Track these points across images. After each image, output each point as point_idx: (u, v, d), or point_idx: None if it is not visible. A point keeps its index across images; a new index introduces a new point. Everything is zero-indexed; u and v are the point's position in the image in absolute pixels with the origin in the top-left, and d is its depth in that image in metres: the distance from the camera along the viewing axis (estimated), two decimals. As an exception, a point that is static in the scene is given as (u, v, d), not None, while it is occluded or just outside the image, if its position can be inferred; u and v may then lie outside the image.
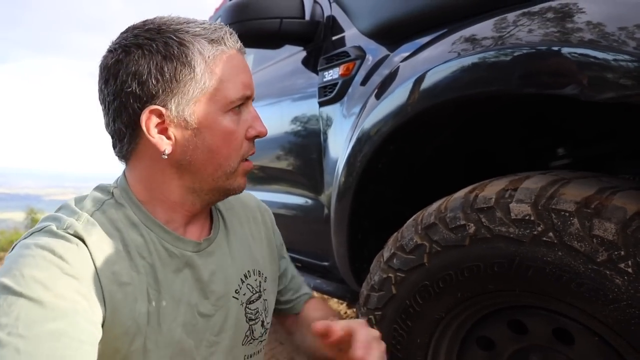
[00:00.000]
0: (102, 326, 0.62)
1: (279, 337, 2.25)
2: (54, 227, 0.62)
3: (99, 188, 0.74)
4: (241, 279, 0.82)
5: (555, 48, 0.71)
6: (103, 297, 0.62)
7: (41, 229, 0.63)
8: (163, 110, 0.65)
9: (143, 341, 0.66)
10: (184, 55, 0.65)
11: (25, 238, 0.62)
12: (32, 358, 0.50)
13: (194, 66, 0.65)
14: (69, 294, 0.57)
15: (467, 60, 0.85)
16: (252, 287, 0.84)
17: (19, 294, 0.54)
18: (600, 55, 0.65)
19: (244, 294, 0.82)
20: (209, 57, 0.66)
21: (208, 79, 0.66)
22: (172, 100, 0.65)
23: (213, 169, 0.70)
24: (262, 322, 0.86)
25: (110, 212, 0.69)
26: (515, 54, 0.76)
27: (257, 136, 0.74)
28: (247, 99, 0.71)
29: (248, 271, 0.84)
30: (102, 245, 0.64)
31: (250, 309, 0.83)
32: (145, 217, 0.71)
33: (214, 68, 0.67)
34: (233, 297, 0.80)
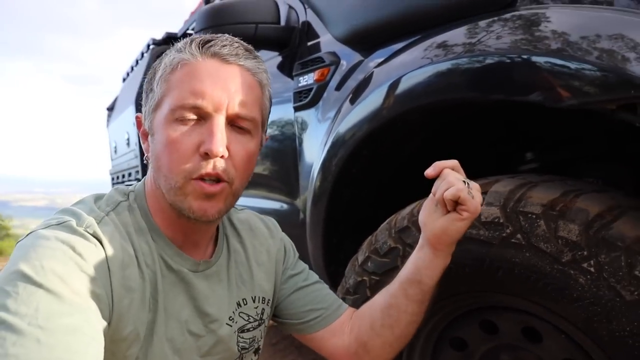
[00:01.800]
0: (108, 327, 0.62)
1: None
2: (73, 224, 0.62)
3: (118, 189, 0.75)
4: (235, 307, 0.80)
5: (523, 56, 0.73)
6: (112, 300, 0.62)
7: (61, 223, 0.62)
8: (140, 116, 0.75)
9: (137, 349, 0.66)
10: (155, 69, 0.71)
11: (42, 229, 0.61)
12: (52, 350, 0.50)
13: (156, 77, 0.70)
14: (83, 291, 0.57)
15: (438, 67, 0.87)
16: (249, 316, 0.82)
17: (39, 285, 0.54)
18: (563, 63, 0.68)
19: (236, 322, 0.80)
20: (167, 66, 0.68)
21: (160, 87, 0.68)
22: (145, 109, 0.72)
23: (163, 179, 0.68)
24: (257, 349, 0.84)
25: (123, 215, 0.70)
26: (484, 62, 0.79)
27: (206, 154, 0.64)
28: (197, 109, 0.65)
29: (244, 299, 0.82)
30: (116, 247, 0.64)
31: (243, 338, 0.81)
32: (151, 225, 0.71)
33: (168, 77, 0.68)
34: (227, 323, 0.78)
